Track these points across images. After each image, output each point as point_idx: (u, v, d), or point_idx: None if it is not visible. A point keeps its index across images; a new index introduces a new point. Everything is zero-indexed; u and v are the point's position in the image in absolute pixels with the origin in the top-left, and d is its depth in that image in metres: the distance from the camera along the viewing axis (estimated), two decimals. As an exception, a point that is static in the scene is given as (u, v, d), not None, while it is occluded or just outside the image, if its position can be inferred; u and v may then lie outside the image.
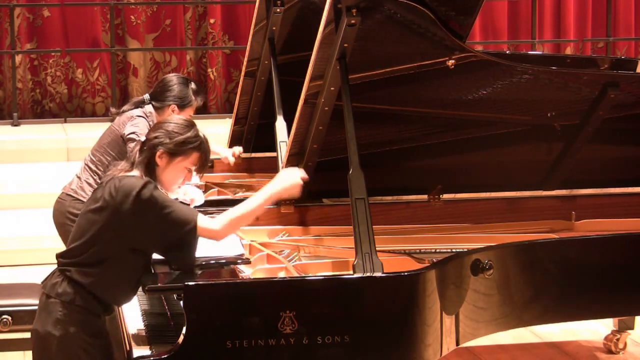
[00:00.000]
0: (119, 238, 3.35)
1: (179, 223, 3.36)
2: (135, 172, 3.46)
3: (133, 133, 4.92)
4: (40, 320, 3.39)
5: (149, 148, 3.48)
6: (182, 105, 5.09)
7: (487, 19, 10.61)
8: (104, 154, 5.06)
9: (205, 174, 5.34)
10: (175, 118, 3.60)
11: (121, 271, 3.39)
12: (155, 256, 3.50)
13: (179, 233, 3.36)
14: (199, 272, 3.47)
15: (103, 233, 3.36)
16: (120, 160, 4.96)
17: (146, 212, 3.34)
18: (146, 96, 5.12)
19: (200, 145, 3.49)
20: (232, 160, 5.37)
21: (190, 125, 3.52)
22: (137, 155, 3.50)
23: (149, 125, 5.00)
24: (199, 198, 4.56)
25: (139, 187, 3.35)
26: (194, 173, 3.59)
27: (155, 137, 3.48)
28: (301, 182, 3.55)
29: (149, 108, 5.06)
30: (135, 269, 3.41)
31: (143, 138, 4.90)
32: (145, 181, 3.38)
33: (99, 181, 4.99)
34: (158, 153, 3.46)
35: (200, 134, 3.52)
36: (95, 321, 3.40)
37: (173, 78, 5.11)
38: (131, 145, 4.93)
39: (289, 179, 3.54)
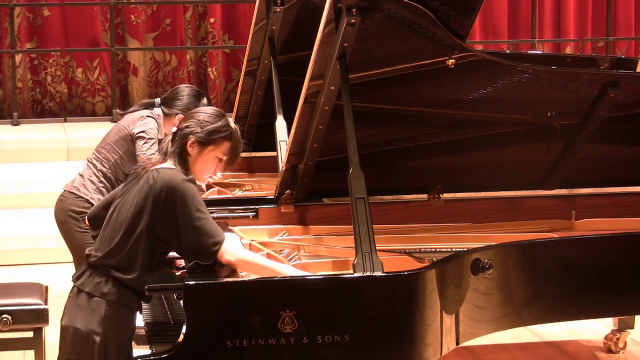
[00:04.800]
0: (151, 227, 3.39)
1: (206, 233, 3.38)
2: (170, 163, 3.49)
3: (143, 132, 4.97)
4: (80, 318, 3.41)
5: (180, 137, 3.53)
6: None
7: (487, 19, 10.61)
8: (110, 152, 5.07)
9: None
10: (206, 108, 3.65)
11: (151, 262, 3.43)
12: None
13: (201, 242, 3.38)
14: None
15: (137, 224, 3.39)
16: (127, 159, 5.02)
17: (179, 206, 3.36)
18: (157, 100, 5.15)
19: (231, 135, 3.55)
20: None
21: (221, 115, 3.59)
22: (169, 145, 3.54)
23: (158, 126, 5.03)
24: None
25: (179, 179, 3.40)
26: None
27: (187, 127, 3.53)
28: None
29: (157, 111, 5.08)
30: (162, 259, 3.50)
31: (151, 138, 4.95)
32: (188, 177, 3.43)
33: (102, 179, 5.02)
34: (189, 142, 3.51)
35: (231, 124, 3.58)
36: (133, 318, 3.47)
37: (186, 89, 5.14)
38: (140, 143, 4.96)
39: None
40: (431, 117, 4.35)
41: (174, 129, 3.58)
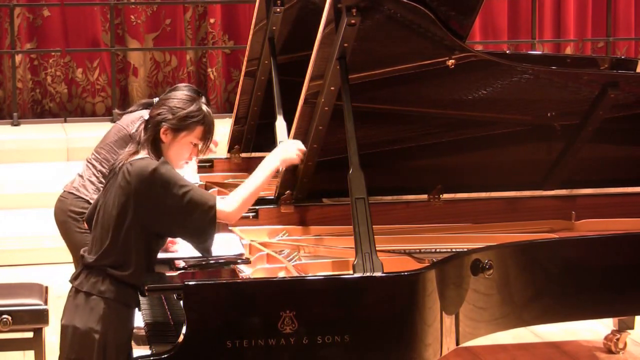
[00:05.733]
0: (140, 222, 3.38)
1: (197, 204, 3.37)
2: (143, 153, 3.46)
3: None
4: (79, 317, 3.41)
5: (153, 125, 3.49)
6: None
7: (487, 19, 10.61)
8: (109, 152, 5.06)
9: (205, 174, 5.35)
10: (178, 94, 3.58)
11: (148, 257, 3.43)
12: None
13: (196, 214, 3.37)
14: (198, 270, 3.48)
15: (124, 223, 3.38)
16: None
17: (162, 191, 3.36)
18: (155, 100, 5.14)
19: (203, 119, 3.51)
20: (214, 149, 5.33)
21: (193, 99, 3.53)
22: (142, 134, 3.51)
23: None
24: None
25: (153, 167, 3.37)
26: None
27: (159, 114, 3.49)
28: (299, 152, 3.66)
29: None
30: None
31: None
32: (160, 161, 3.40)
33: (102, 179, 5.01)
34: (162, 129, 3.47)
35: (204, 108, 3.53)
36: (132, 315, 3.46)
37: (184, 88, 5.12)
38: None
39: (287, 151, 3.64)
40: (431, 117, 4.35)
41: (146, 117, 3.55)
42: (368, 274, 3.40)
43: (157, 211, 3.38)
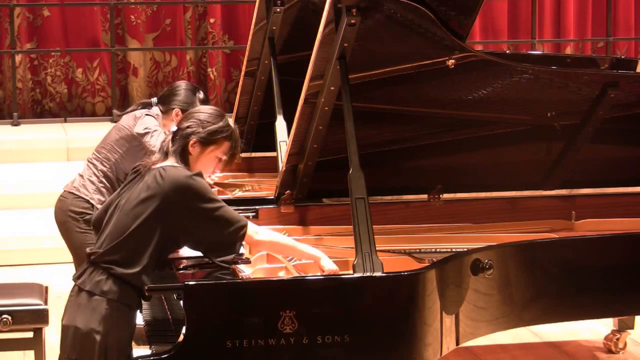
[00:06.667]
0: (161, 227, 3.39)
1: (227, 221, 3.41)
2: (171, 161, 3.50)
3: (146, 128, 4.98)
4: (81, 317, 3.41)
5: (181, 137, 3.54)
6: (186, 110, 5.11)
7: (487, 19, 10.61)
8: (110, 151, 5.07)
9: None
10: (206, 108, 3.66)
11: (157, 261, 3.43)
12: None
13: (224, 232, 3.40)
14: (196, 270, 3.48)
15: (147, 222, 3.39)
16: (127, 158, 5.01)
17: (195, 201, 3.38)
18: (154, 99, 5.15)
19: (231, 135, 3.59)
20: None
21: (221, 115, 3.62)
22: (170, 144, 3.55)
23: (157, 123, 5.03)
24: None
25: (188, 175, 3.42)
26: None
27: (188, 127, 3.55)
28: (332, 270, 3.54)
29: (155, 110, 5.08)
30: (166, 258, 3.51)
31: (156, 129, 4.96)
32: (197, 172, 3.45)
33: (102, 179, 5.01)
34: (191, 142, 3.53)
35: (231, 123, 3.61)
36: (133, 317, 3.46)
37: (182, 84, 5.15)
38: (147, 138, 4.96)
39: (330, 263, 3.56)
40: (431, 117, 4.35)
41: (174, 128, 3.59)
42: (368, 274, 3.40)
43: (183, 219, 3.39)
